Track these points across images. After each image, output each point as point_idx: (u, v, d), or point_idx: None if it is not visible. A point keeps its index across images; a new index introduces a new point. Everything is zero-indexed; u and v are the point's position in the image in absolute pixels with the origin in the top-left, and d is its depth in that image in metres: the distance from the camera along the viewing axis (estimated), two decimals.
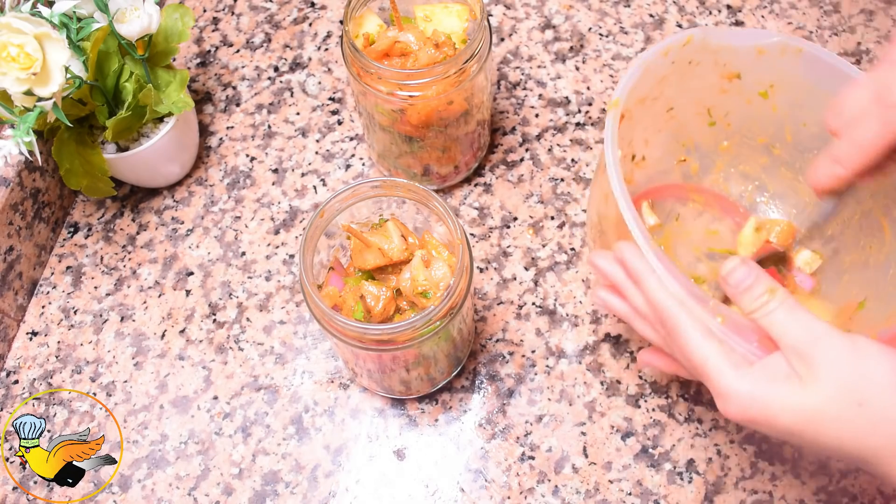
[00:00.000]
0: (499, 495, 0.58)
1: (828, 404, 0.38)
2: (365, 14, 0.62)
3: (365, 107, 0.62)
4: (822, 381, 0.38)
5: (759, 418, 0.40)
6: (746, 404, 0.40)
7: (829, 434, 0.39)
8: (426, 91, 0.57)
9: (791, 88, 0.58)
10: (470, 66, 0.58)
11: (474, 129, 0.66)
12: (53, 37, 0.54)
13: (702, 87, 0.59)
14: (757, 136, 0.62)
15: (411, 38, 0.60)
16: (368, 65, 0.56)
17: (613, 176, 0.47)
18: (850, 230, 0.58)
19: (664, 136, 0.63)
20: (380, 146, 0.67)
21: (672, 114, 0.61)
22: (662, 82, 0.57)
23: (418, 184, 0.51)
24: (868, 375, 0.38)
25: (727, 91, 0.60)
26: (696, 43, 0.55)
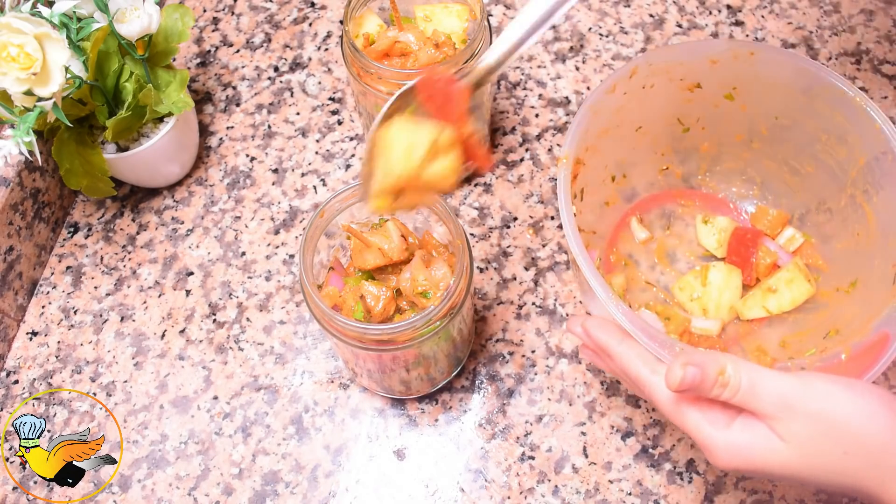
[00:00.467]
0: (499, 495, 0.58)
1: (812, 458, 0.40)
2: (365, 14, 0.62)
3: (365, 107, 0.62)
4: (801, 440, 0.40)
5: (748, 471, 0.41)
6: (731, 461, 0.41)
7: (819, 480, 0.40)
8: None
9: (753, 88, 0.59)
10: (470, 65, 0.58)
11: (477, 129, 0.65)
12: (53, 37, 0.54)
13: (665, 102, 0.60)
14: (733, 134, 0.63)
15: (411, 38, 0.60)
16: (368, 65, 0.56)
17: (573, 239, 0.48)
18: (838, 216, 0.59)
19: (640, 152, 0.64)
20: None
21: (642, 131, 0.62)
22: (620, 112, 0.58)
23: None
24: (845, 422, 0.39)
25: (692, 100, 0.60)
26: (643, 70, 0.56)
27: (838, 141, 0.56)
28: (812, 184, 0.61)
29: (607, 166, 0.62)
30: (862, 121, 0.54)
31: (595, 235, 0.63)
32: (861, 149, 0.54)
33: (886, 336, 0.47)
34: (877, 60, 0.75)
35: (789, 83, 0.57)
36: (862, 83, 0.74)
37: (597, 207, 0.63)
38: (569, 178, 0.51)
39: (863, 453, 0.39)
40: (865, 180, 0.55)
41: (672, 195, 0.67)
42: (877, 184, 0.54)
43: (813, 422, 0.39)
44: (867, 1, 0.79)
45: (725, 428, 0.41)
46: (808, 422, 0.39)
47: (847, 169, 0.56)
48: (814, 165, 0.60)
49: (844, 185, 0.57)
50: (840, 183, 0.57)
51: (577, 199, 0.57)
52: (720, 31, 0.77)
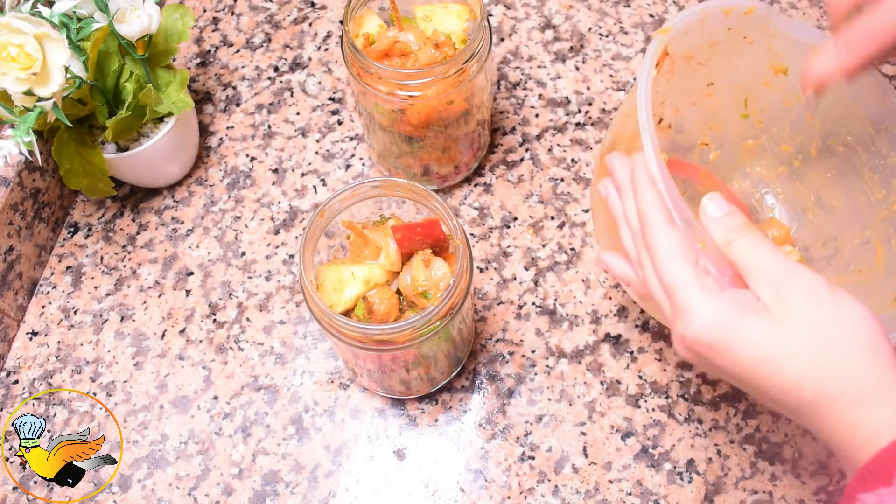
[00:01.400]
0: (499, 495, 0.58)
1: (798, 341, 0.37)
2: (365, 14, 0.62)
3: (365, 107, 0.62)
4: (794, 317, 0.37)
5: (719, 344, 0.38)
6: (710, 327, 0.38)
7: (791, 371, 0.37)
8: (426, 91, 0.57)
9: (832, 102, 0.55)
10: (470, 66, 0.58)
11: (474, 129, 0.66)
12: (53, 37, 0.54)
13: (747, 70, 0.57)
14: (783, 142, 0.61)
15: (411, 38, 0.60)
16: (368, 65, 0.56)
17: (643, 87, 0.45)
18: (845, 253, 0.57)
19: (695, 113, 0.60)
20: (380, 146, 0.67)
21: (710, 90, 0.58)
22: (713, 47, 0.54)
23: (418, 184, 0.51)
24: (843, 319, 0.37)
25: (770, 84, 0.57)
26: (757, 17, 0.52)
27: (882, 182, 0.54)
28: (831, 219, 0.59)
29: (664, 103, 0.58)
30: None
31: None
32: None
33: None
34: None
35: (866, 107, 0.54)
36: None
37: None
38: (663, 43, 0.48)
39: (848, 356, 0.36)
40: (891, 224, 0.53)
41: (695, 171, 0.63)
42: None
43: (811, 301, 0.37)
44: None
45: (715, 294, 0.39)
46: (806, 300, 0.37)
47: (876, 211, 0.55)
48: (842, 202, 0.58)
49: (866, 226, 0.55)
50: (862, 223, 0.55)
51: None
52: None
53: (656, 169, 0.43)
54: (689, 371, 0.61)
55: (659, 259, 0.41)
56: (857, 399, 0.36)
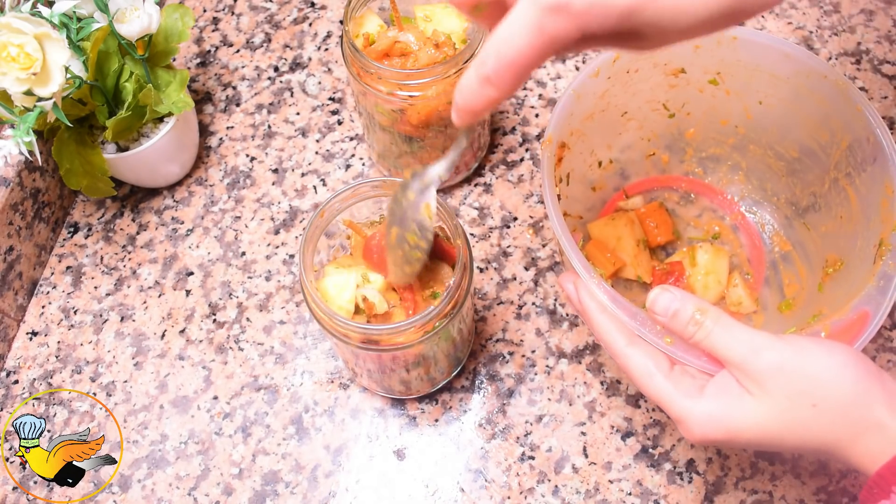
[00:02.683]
0: (499, 495, 0.58)
1: (784, 414, 0.40)
2: (365, 14, 0.62)
3: (365, 107, 0.62)
4: (772, 392, 0.40)
5: (719, 437, 0.41)
6: (705, 427, 0.41)
7: (790, 439, 0.40)
8: (426, 91, 0.57)
9: (737, 73, 0.59)
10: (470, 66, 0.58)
11: (474, 129, 0.66)
12: (53, 37, 0.54)
13: (649, 87, 0.60)
14: (718, 119, 0.63)
15: (411, 38, 0.60)
16: (368, 65, 0.56)
17: (551, 211, 0.49)
18: (822, 200, 0.59)
19: (627, 137, 0.64)
20: (380, 146, 0.67)
21: (627, 117, 0.62)
22: (605, 96, 0.58)
23: None
24: (815, 376, 0.39)
25: (676, 85, 0.61)
26: (627, 55, 0.56)
27: (821, 124, 0.57)
28: (796, 168, 0.61)
29: (594, 151, 0.62)
30: (843, 103, 0.54)
31: (581, 220, 0.64)
32: (843, 132, 0.55)
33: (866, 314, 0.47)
34: (877, 60, 0.75)
35: (772, 68, 0.57)
36: (862, 83, 0.74)
37: (584, 192, 0.64)
38: (552, 160, 0.51)
39: (832, 407, 0.39)
40: (848, 163, 0.55)
41: (660, 181, 0.68)
42: (858, 166, 0.54)
43: (783, 374, 0.40)
44: (867, 1, 0.79)
45: (698, 396, 0.42)
46: (777, 374, 0.40)
47: (830, 153, 0.57)
48: (798, 150, 0.60)
49: (828, 168, 0.57)
50: (824, 166, 0.58)
51: (562, 182, 0.57)
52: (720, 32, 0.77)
53: (599, 292, 0.46)
54: None
55: (636, 381, 0.44)
56: (855, 436, 0.39)
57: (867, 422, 0.39)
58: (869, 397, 0.39)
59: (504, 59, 0.34)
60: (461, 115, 0.38)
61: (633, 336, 0.45)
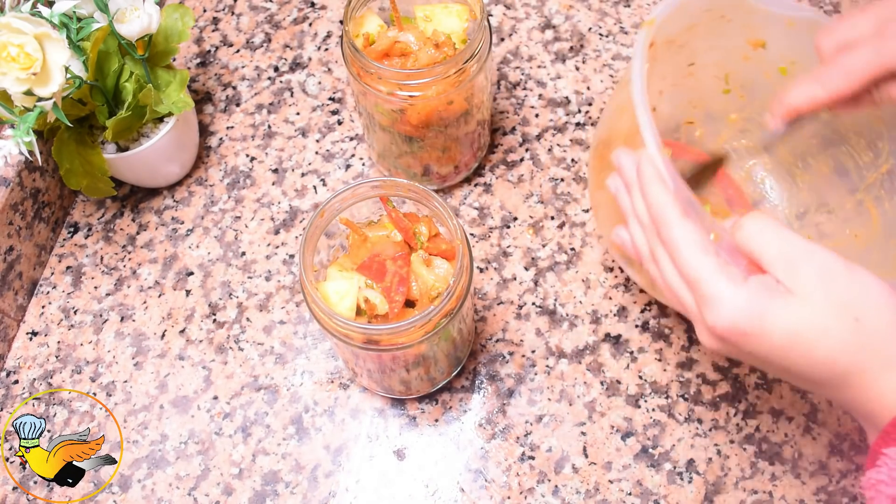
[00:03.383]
0: (499, 495, 0.58)
1: (825, 318, 0.38)
2: (365, 14, 0.62)
3: (365, 107, 0.62)
4: (818, 295, 0.38)
5: (751, 331, 0.39)
6: (740, 315, 0.39)
7: (822, 348, 0.38)
8: (426, 91, 0.57)
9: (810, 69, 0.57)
10: (470, 66, 0.58)
11: (474, 129, 0.66)
12: (53, 37, 0.54)
13: (726, 47, 0.58)
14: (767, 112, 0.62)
15: (411, 38, 0.60)
16: (368, 65, 0.56)
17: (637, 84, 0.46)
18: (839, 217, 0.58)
19: (678, 93, 0.61)
20: (380, 146, 0.67)
21: (691, 70, 0.59)
22: (692, 30, 0.55)
23: (418, 184, 0.51)
24: (863, 292, 0.38)
25: (749, 59, 0.58)
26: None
27: (868, 145, 0.55)
28: (820, 183, 0.60)
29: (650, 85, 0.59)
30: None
31: None
32: (888, 155, 0.53)
33: None
34: None
35: None
36: None
37: None
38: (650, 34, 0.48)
39: (873, 327, 0.38)
40: (881, 186, 0.54)
41: (686, 150, 0.64)
42: (893, 189, 0.53)
43: (831, 281, 0.38)
44: (867, 1, 0.79)
45: (740, 282, 0.40)
46: (825, 280, 0.38)
47: (865, 175, 0.56)
48: (830, 166, 0.59)
49: (856, 188, 0.56)
50: (851, 185, 0.56)
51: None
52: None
53: (662, 165, 0.44)
54: (688, 371, 0.61)
55: (679, 253, 0.42)
56: (886, 366, 0.38)
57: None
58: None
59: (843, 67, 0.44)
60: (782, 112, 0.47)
61: (685, 211, 0.42)
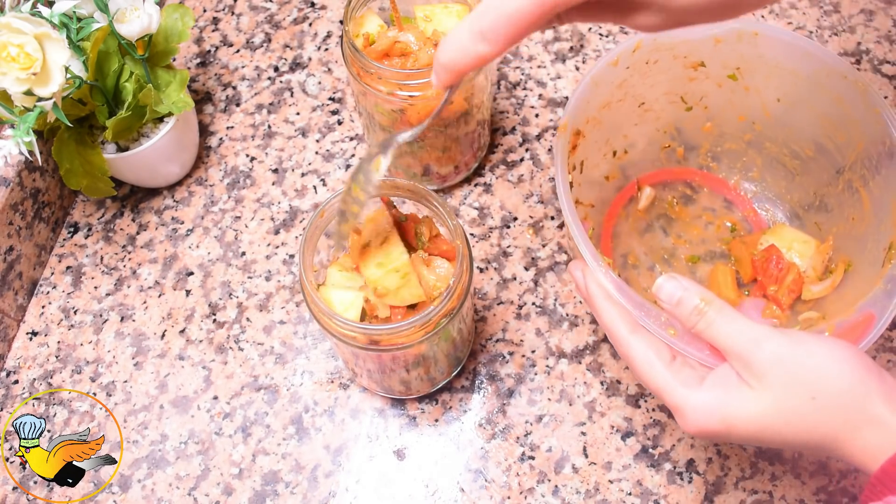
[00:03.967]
0: (499, 495, 0.58)
1: (782, 405, 0.39)
2: (365, 14, 0.62)
3: (365, 107, 0.62)
4: (771, 384, 0.40)
5: (717, 429, 0.41)
6: (703, 418, 0.41)
7: (787, 433, 0.40)
8: (426, 91, 0.57)
9: (757, 68, 0.59)
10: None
11: (474, 129, 0.66)
12: (53, 37, 0.54)
13: (668, 79, 0.60)
14: (736, 114, 0.63)
15: (411, 38, 0.60)
16: (368, 65, 0.56)
17: (563, 198, 0.49)
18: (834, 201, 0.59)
19: (643, 128, 0.64)
20: None
21: (645, 107, 0.62)
22: (623, 86, 0.58)
23: (418, 184, 0.51)
24: (814, 368, 0.39)
25: (695, 78, 0.60)
26: (647, 45, 0.56)
27: (838, 125, 0.57)
28: (811, 168, 0.61)
29: (609, 140, 0.62)
30: (862, 105, 0.54)
31: (593, 209, 0.63)
32: (860, 133, 0.55)
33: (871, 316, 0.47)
34: (877, 60, 0.75)
35: (793, 65, 0.57)
36: None
37: (596, 181, 0.64)
38: (567, 147, 0.51)
39: (830, 400, 0.39)
40: (863, 164, 0.55)
41: (673, 173, 0.67)
42: (874, 168, 0.54)
43: (782, 365, 0.39)
44: (867, 1, 0.79)
45: (697, 387, 0.42)
46: (777, 365, 0.40)
47: (846, 154, 0.57)
48: (813, 149, 0.60)
49: (843, 169, 0.57)
50: (839, 167, 0.58)
51: (575, 170, 0.57)
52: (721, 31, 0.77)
53: (606, 281, 0.46)
54: None
55: (636, 370, 0.44)
56: (855, 428, 0.39)
57: (866, 416, 0.39)
58: (868, 392, 0.39)
59: (503, 14, 0.33)
60: (444, 75, 0.37)
61: (636, 325, 0.45)
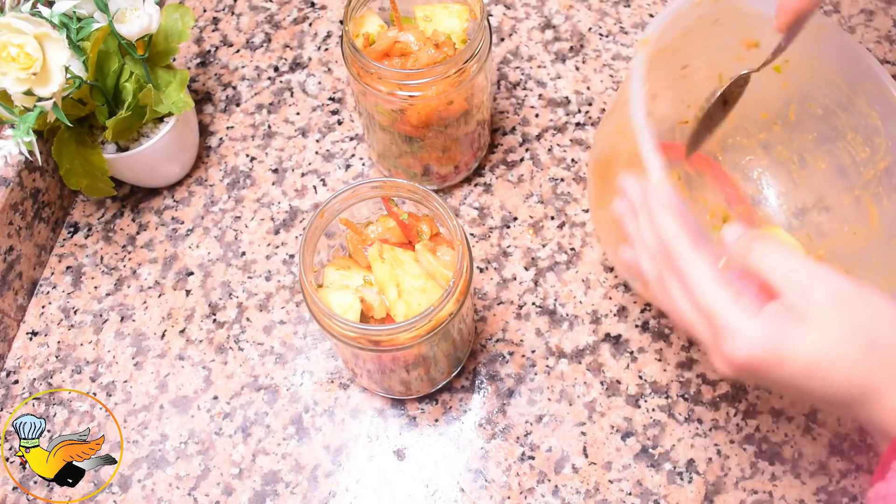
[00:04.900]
0: (499, 495, 0.58)
1: (840, 344, 0.38)
2: (365, 14, 0.62)
3: (365, 107, 0.62)
4: (831, 321, 0.39)
5: (768, 361, 0.39)
6: (757, 346, 0.39)
7: (838, 374, 0.39)
8: (426, 91, 0.57)
9: (805, 66, 0.57)
10: (470, 65, 0.58)
11: (474, 129, 0.66)
12: (53, 37, 0.54)
13: (720, 48, 0.58)
14: (761, 110, 0.62)
15: (411, 38, 0.60)
16: (368, 65, 0.56)
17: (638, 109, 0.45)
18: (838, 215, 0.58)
19: (672, 94, 0.62)
20: (380, 146, 0.67)
21: (685, 72, 0.60)
22: (685, 36, 0.55)
23: (418, 184, 0.51)
24: (875, 315, 0.39)
25: (743, 59, 0.58)
26: (727, 1, 0.53)
27: (865, 141, 0.55)
28: (817, 179, 0.60)
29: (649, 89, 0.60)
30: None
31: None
32: (885, 152, 0.53)
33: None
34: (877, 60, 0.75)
35: (841, 71, 0.55)
36: None
37: None
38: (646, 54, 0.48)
39: (887, 352, 0.38)
40: (879, 183, 0.54)
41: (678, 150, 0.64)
42: (892, 187, 0.53)
43: (844, 305, 0.39)
44: (867, 1, 0.79)
45: (755, 313, 0.40)
46: (838, 305, 0.39)
47: (863, 171, 0.56)
48: (827, 162, 0.59)
49: (854, 185, 0.56)
50: (849, 182, 0.56)
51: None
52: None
53: (670, 195, 0.43)
54: (688, 371, 0.61)
55: (692, 285, 0.42)
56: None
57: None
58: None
59: None
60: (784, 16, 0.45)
61: (697, 241, 0.43)
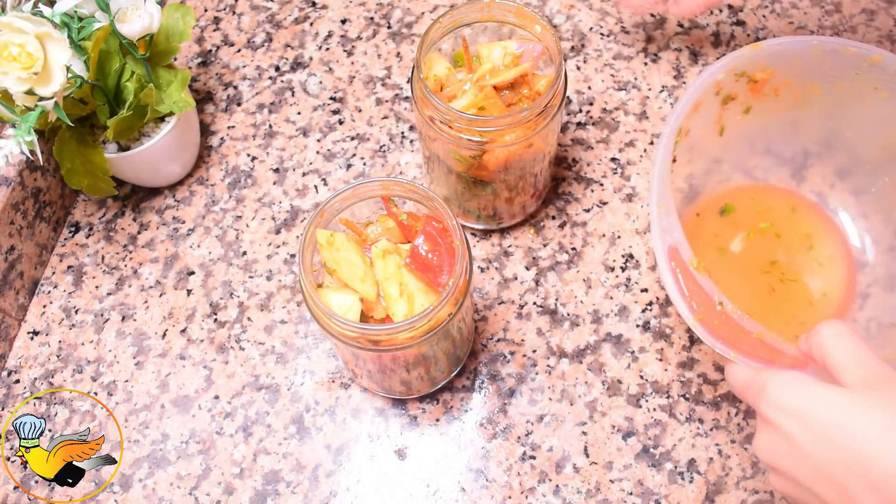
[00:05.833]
0: (500, 495, 0.58)
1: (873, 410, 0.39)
2: (431, 55, 0.59)
3: (436, 152, 0.59)
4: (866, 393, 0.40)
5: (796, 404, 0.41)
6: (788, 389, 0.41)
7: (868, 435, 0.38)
8: (508, 136, 0.55)
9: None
10: (552, 106, 0.56)
11: (548, 168, 0.64)
12: (55, 36, 0.54)
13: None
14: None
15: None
16: (450, 113, 0.53)
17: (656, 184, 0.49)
18: None
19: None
20: (447, 190, 0.64)
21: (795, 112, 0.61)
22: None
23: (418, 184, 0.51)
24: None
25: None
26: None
27: None
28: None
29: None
30: None
31: None
32: None
33: None
34: None
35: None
36: None
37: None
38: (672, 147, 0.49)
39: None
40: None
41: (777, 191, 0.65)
42: None
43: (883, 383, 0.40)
44: (868, 0, 0.79)
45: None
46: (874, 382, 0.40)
47: None
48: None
49: None
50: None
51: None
52: (721, 31, 0.77)
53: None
54: (689, 371, 0.61)
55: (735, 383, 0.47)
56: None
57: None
58: None
59: None
60: None
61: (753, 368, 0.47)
